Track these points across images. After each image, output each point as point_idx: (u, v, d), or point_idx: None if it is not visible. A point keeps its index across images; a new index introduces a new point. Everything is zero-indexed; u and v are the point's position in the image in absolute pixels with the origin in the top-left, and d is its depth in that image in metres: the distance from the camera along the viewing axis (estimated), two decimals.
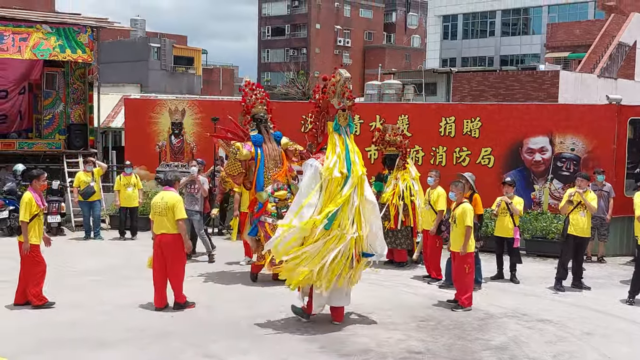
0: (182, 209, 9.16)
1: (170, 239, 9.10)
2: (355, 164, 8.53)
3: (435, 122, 14.82)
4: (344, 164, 8.44)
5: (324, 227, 8.24)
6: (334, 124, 8.68)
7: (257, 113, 11.07)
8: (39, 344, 7.74)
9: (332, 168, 8.38)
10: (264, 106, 11.19)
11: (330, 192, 8.40)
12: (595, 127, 13.87)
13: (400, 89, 34.03)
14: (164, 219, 9.07)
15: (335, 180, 8.38)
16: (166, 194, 9.24)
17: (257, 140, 10.91)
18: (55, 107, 18.66)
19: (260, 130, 11.03)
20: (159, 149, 16.83)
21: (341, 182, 8.40)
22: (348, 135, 8.75)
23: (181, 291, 9.23)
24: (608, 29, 37.90)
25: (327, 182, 8.43)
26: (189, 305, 9.22)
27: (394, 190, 12.22)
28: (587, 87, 31.34)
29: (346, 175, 8.40)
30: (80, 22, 17.56)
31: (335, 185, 8.39)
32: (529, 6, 54.97)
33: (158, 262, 9.11)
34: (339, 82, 8.64)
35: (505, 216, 11.17)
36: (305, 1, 73.49)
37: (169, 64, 52.58)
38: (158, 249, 9.14)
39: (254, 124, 11.09)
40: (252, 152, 10.79)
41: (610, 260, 13.33)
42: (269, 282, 10.87)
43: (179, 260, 9.21)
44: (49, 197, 15.33)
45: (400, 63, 71.36)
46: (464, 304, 9.41)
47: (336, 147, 8.56)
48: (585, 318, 9.24)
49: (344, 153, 8.53)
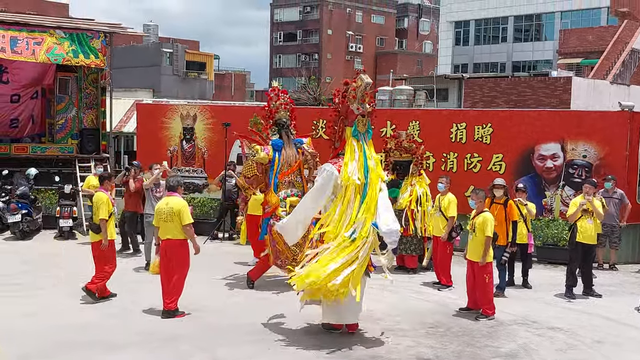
0: (188, 213, 9.14)
1: (176, 244, 9.07)
2: (373, 170, 8.49)
3: (446, 128, 14.79)
4: (362, 171, 8.41)
5: (351, 237, 8.12)
6: (353, 130, 8.64)
7: (280, 118, 11.01)
8: (49, 347, 7.78)
9: (352, 175, 8.36)
10: (287, 112, 11.14)
11: (348, 199, 8.34)
12: (608, 134, 13.80)
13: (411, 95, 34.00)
14: (170, 224, 9.04)
15: (355, 187, 8.33)
16: (171, 199, 9.22)
17: (277, 145, 10.84)
18: (68, 111, 18.79)
19: (281, 136, 10.99)
20: (171, 154, 16.90)
21: (360, 190, 8.35)
22: (366, 141, 8.70)
23: (177, 298, 9.13)
24: (621, 35, 37.69)
25: (345, 189, 8.40)
26: (178, 315, 9.06)
27: (410, 196, 12.22)
28: (600, 94, 31.15)
29: (364, 182, 8.37)
30: (94, 28, 17.68)
31: (355, 192, 8.34)
32: (541, 12, 54.78)
33: (165, 267, 9.10)
34: (359, 87, 8.52)
35: (520, 222, 11.17)
36: (318, 7, 73.67)
37: (181, 69, 52.83)
38: (164, 254, 9.12)
39: (276, 128, 11.07)
40: (270, 156, 10.72)
41: (622, 268, 13.24)
42: (277, 287, 10.89)
43: (182, 266, 9.16)
44: (61, 201, 15.44)
45: (412, 69, 71.30)
46: (487, 313, 9.36)
47: (355, 154, 8.54)
48: (596, 326, 9.18)
49: (362, 160, 8.51)
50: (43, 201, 16.46)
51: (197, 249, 9.26)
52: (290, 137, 10.99)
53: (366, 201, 8.29)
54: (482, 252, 9.36)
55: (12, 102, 18.91)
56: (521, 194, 11.34)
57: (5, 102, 18.81)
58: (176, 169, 16.60)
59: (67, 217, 15.24)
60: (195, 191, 16.54)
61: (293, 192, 10.68)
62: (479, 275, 9.45)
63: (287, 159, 10.84)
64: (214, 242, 15.23)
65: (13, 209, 14.92)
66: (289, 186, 10.74)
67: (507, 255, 10.54)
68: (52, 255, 13.33)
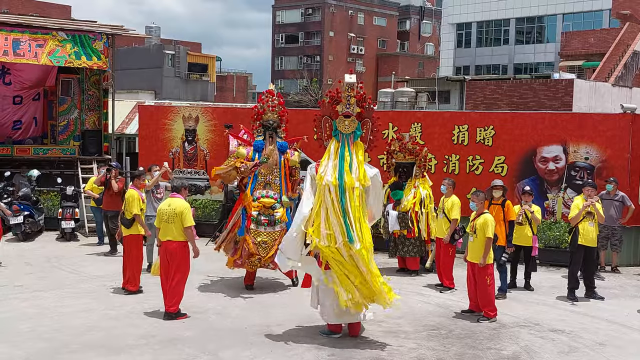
0: (190, 216, 9.13)
1: (177, 246, 9.05)
2: (348, 173, 8.32)
3: (448, 130, 14.79)
4: (335, 173, 8.31)
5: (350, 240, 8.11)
6: (333, 130, 8.63)
7: (267, 120, 11.14)
8: (51, 349, 7.79)
9: (323, 175, 8.33)
10: (274, 114, 11.18)
11: (321, 199, 8.27)
12: (610, 136, 13.79)
13: (413, 97, 34.03)
14: (171, 225, 9.03)
15: (328, 187, 8.25)
16: (173, 200, 9.22)
17: (258, 146, 11.06)
18: (70, 113, 18.84)
19: (265, 137, 11.12)
20: (173, 155, 16.91)
21: (337, 191, 8.23)
22: (350, 143, 8.58)
23: (178, 301, 9.11)
24: (623, 38, 37.69)
25: (318, 189, 8.37)
26: (180, 317, 9.05)
27: (414, 198, 12.23)
28: (602, 96, 31.15)
29: (337, 184, 8.26)
30: (96, 30, 17.72)
31: (328, 193, 8.23)
32: (543, 14, 54.78)
33: (165, 268, 9.09)
34: (342, 87, 8.62)
35: (525, 225, 11.19)
36: (319, 9, 73.68)
37: (183, 71, 52.82)
38: (164, 256, 9.12)
39: (262, 130, 11.20)
40: (249, 155, 10.90)
41: (625, 270, 13.22)
42: (277, 289, 10.90)
43: (182, 269, 9.13)
44: (63, 203, 15.46)
45: (413, 71, 71.31)
46: (489, 315, 9.35)
47: (330, 154, 8.52)
48: (599, 328, 9.17)
49: (337, 161, 8.42)
50: (45, 203, 16.48)
51: (197, 252, 9.21)
52: (274, 139, 11.09)
53: (346, 207, 8.18)
54: (482, 254, 9.36)
55: (15, 104, 18.97)
56: (527, 197, 11.38)
57: (8, 104, 18.85)
58: (178, 171, 16.61)
59: (69, 218, 15.26)
60: (197, 193, 16.56)
61: (268, 194, 10.77)
62: (479, 277, 9.45)
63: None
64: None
65: (15, 210, 14.93)
66: (264, 187, 10.88)
67: (506, 256, 10.52)
68: (54, 257, 13.34)
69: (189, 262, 9.25)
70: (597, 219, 10.82)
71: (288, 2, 75.67)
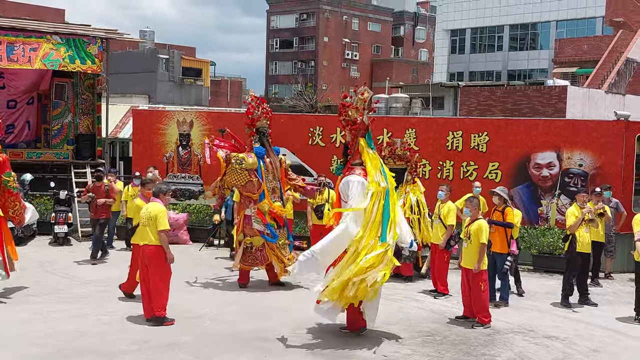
0: (165, 220, 9.03)
1: (153, 250, 8.97)
2: (390, 176, 8.91)
3: (442, 136, 14.81)
4: (383, 178, 8.71)
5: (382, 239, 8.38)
6: (367, 140, 8.91)
7: (261, 126, 11.41)
8: (44, 354, 7.73)
9: (379, 181, 8.63)
10: (267, 120, 11.57)
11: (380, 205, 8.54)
12: (603, 143, 13.84)
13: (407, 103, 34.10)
14: (147, 229, 8.99)
15: (382, 191, 8.58)
16: (151, 204, 9.25)
17: (260, 153, 11.26)
18: (64, 117, 18.77)
19: (263, 143, 11.36)
20: (167, 160, 16.87)
21: (383, 194, 8.60)
22: (374, 149, 9.03)
23: (163, 305, 8.99)
24: (616, 45, 37.87)
25: (373, 195, 8.56)
26: (167, 322, 8.95)
27: (404, 203, 12.21)
28: (595, 103, 31.28)
29: (386, 187, 8.66)
30: (90, 33, 17.68)
31: (381, 197, 8.56)
32: (537, 21, 55.02)
33: (143, 272, 9.04)
34: (368, 99, 8.84)
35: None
36: (314, 14, 73.79)
37: (177, 75, 52.75)
38: (141, 260, 9.06)
39: (257, 136, 11.40)
40: (256, 162, 11.14)
41: (618, 277, 13.25)
42: (275, 293, 10.87)
43: (160, 273, 9.01)
44: (57, 207, 15.38)
45: (407, 77, 71.47)
46: (483, 321, 9.35)
47: (375, 162, 8.82)
48: (593, 335, 9.19)
49: (380, 167, 8.81)
50: (38, 207, 16.35)
51: (171, 259, 8.99)
52: (270, 145, 11.50)
53: (392, 206, 8.62)
54: (476, 259, 9.36)
55: (9, 108, 18.87)
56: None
57: (2, 108, 18.75)
58: (172, 176, 16.58)
59: (62, 223, 15.19)
60: (190, 198, 16.52)
61: (276, 199, 11.24)
62: (474, 283, 9.44)
63: (270, 166, 11.33)
64: (210, 248, 15.22)
65: None
66: (273, 192, 11.25)
67: (508, 263, 10.51)
68: (47, 261, 13.26)
69: (169, 265, 9.09)
70: (605, 220, 11.36)
71: (282, 7, 75.74)
